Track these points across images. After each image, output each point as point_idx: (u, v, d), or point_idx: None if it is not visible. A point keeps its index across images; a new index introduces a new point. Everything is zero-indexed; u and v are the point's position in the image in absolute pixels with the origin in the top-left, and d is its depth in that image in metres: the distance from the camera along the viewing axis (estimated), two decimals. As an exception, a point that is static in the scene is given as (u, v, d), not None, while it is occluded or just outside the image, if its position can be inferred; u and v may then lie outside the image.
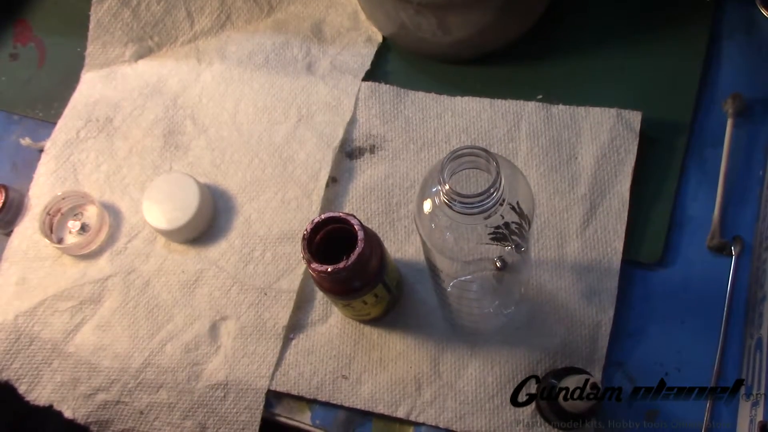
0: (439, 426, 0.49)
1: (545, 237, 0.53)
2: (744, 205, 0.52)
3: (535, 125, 0.56)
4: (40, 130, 0.65)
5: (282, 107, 0.61)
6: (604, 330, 0.50)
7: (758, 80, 0.56)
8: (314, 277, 0.47)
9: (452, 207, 0.35)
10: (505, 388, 0.49)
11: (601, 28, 0.60)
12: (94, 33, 0.65)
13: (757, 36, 0.58)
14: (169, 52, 0.65)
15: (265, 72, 0.62)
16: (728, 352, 0.49)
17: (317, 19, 0.64)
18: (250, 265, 0.56)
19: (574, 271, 0.51)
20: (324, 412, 0.52)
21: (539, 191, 0.54)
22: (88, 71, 0.65)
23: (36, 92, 0.66)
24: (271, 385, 0.52)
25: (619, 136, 0.54)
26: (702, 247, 0.52)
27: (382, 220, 0.56)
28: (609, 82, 0.58)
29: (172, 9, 0.65)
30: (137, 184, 0.60)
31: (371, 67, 0.61)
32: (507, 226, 0.36)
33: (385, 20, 0.60)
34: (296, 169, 0.58)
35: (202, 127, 0.61)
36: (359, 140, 0.58)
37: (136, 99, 0.63)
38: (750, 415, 0.44)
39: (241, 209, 0.58)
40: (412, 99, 0.59)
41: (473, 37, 0.57)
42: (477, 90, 0.59)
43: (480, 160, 0.35)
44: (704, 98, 0.56)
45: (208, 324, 0.54)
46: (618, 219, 0.52)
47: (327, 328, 0.53)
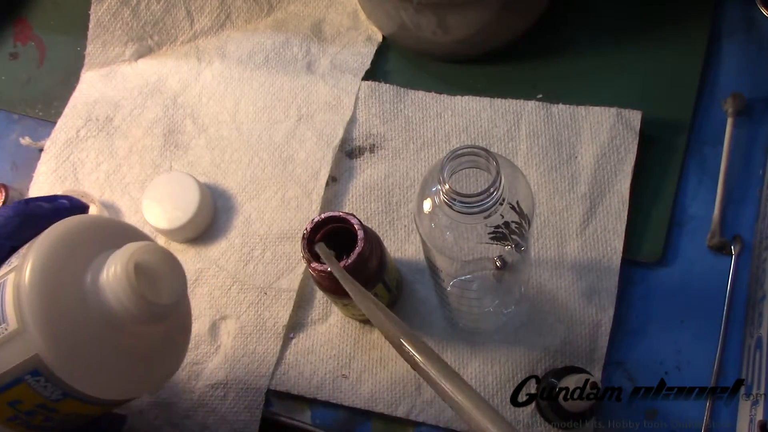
0: (439, 425, 0.49)
1: (545, 236, 0.53)
2: (744, 204, 0.52)
3: (535, 124, 0.56)
4: (40, 129, 0.65)
5: (282, 106, 0.61)
6: (604, 329, 0.50)
7: (758, 79, 0.56)
8: (314, 276, 0.47)
9: (452, 206, 0.35)
10: (504, 388, 0.49)
11: (601, 28, 0.60)
12: (94, 32, 0.65)
13: (757, 35, 0.58)
14: (169, 52, 0.65)
15: (265, 71, 0.62)
16: (728, 351, 0.49)
17: (317, 18, 0.64)
18: (250, 265, 0.56)
19: (574, 270, 0.51)
20: (324, 411, 0.52)
21: (539, 190, 0.54)
22: (87, 70, 0.65)
23: (36, 91, 0.66)
24: (271, 385, 0.52)
25: (619, 135, 0.54)
26: (702, 246, 0.52)
27: (382, 220, 0.56)
28: (609, 81, 0.58)
29: (172, 8, 0.65)
30: (137, 183, 0.60)
31: (371, 66, 0.61)
32: (507, 225, 0.36)
33: (385, 19, 0.60)
34: (296, 168, 0.58)
35: (202, 127, 0.61)
36: (359, 139, 0.58)
37: (136, 98, 0.63)
38: (750, 415, 0.44)
39: (241, 208, 0.58)
40: (412, 98, 0.59)
41: (473, 36, 0.57)
42: (477, 89, 0.59)
43: (480, 160, 0.35)
44: (704, 97, 0.56)
45: (207, 323, 0.54)
46: (618, 218, 0.52)
47: (327, 328, 0.53)
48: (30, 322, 0.32)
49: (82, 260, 0.35)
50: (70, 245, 0.35)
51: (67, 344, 0.33)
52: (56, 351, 0.32)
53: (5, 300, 0.33)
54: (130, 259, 0.34)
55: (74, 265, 0.34)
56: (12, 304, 0.33)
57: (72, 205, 0.41)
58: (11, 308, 0.33)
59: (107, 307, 0.34)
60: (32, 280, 0.33)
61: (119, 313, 0.34)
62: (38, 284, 0.33)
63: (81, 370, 0.34)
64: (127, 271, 0.33)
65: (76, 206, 0.41)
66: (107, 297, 0.34)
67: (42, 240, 0.35)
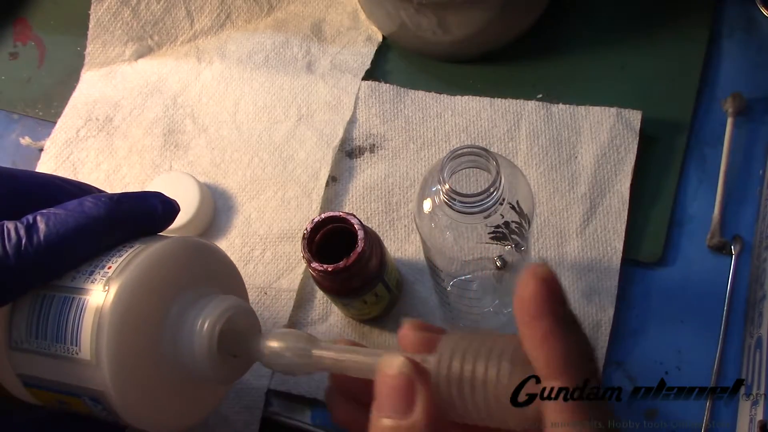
0: (439, 425, 0.49)
1: (545, 236, 0.53)
2: (744, 204, 0.52)
3: (535, 124, 0.56)
4: (40, 129, 0.65)
5: (282, 106, 0.61)
6: (604, 329, 0.50)
7: (758, 79, 0.56)
8: (314, 276, 0.47)
9: (452, 206, 0.35)
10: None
11: (601, 28, 0.60)
12: (94, 32, 0.65)
13: (757, 35, 0.58)
14: (169, 51, 0.65)
15: (265, 71, 0.62)
16: (728, 351, 0.49)
17: (317, 18, 0.64)
18: (250, 265, 0.56)
19: (573, 270, 0.51)
20: (324, 411, 0.52)
21: (539, 190, 0.54)
22: (87, 70, 0.65)
23: (36, 91, 0.66)
24: (271, 385, 0.52)
25: (619, 135, 0.54)
26: (702, 246, 0.52)
27: (382, 220, 0.56)
28: (609, 81, 0.58)
29: (172, 8, 0.65)
30: (137, 183, 0.60)
31: (371, 66, 0.61)
32: (507, 225, 0.37)
33: (385, 19, 0.60)
34: (296, 168, 0.58)
35: (202, 126, 0.61)
36: (359, 139, 0.58)
37: (136, 98, 0.63)
38: (750, 415, 0.44)
39: (241, 208, 0.58)
40: (412, 98, 0.59)
41: (473, 36, 0.57)
42: (477, 89, 0.59)
43: (480, 160, 0.35)
44: (704, 97, 0.56)
45: (208, 323, 0.54)
46: (618, 218, 0.52)
47: (327, 327, 0.53)
48: (105, 362, 0.31)
49: (168, 297, 0.33)
50: (160, 280, 0.33)
51: (135, 388, 0.32)
52: (122, 394, 0.32)
53: (82, 324, 0.32)
54: (218, 321, 0.33)
55: (159, 303, 0.33)
56: (89, 333, 0.32)
57: (164, 210, 0.37)
58: (87, 337, 0.32)
59: (182, 359, 0.33)
60: (115, 320, 0.31)
61: (192, 370, 0.33)
62: (121, 324, 0.32)
63: (139, 412, 0.33)
64: (211, 335, 0.33)
65: (168, 211, 0.38)
66: (184, 351, 0.33)
67: (132, 271, 0.32)
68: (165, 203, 0.38)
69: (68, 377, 0.33)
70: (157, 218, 0.37)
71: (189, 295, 0.34)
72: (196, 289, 0.34)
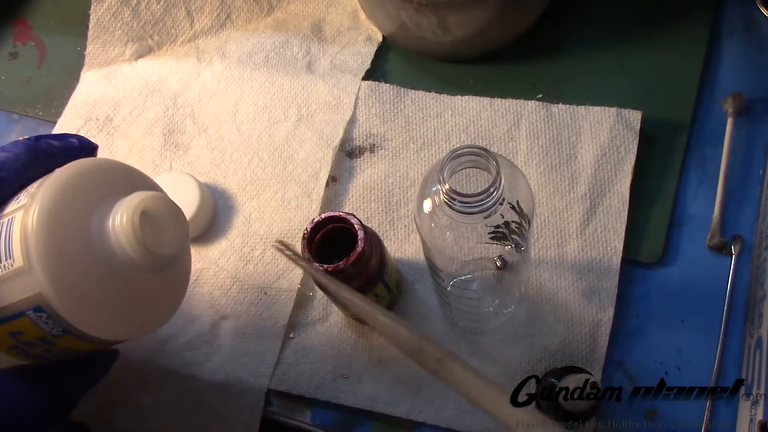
0: (439, 425, 0.49)
1: (545, 236, 0.53)
2: (744, 204, 0.52)
3: (535, 124, 0.56)
4: (40, 129, 0.65)
5: (282, 106, 0.61)
6: (604, 329, 0.50)
7: (758, 79, 0.56)
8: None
9: (452, 206, 0.35)
10: (504, 388, 0.49)
11: (601, 27, 0.60)
12: (94, 32, 0.65)
13: (757, 35, 0.58)
14: (169, 51, 0.65)
15: (265, 71, 0.62)
16: (728, 351, 0.49)
17: (317, 18, 0.64)
18: (250, 265, 0.56)
19: (573, 270, 0.51)
20: (324, 411, 0.52)
21: (539, 190, 0.54)
22: (88, 70, 0.65)
23: (36, 91, 0.66)
24: (271, 385, 0.52)
25: (619, 135, 0.54)
26: (702, 246, 0.52)
27: (382, 220, 0.56)
28: (609, 81, 0.58)
29: (172, 8, 0.65)
30: (137, 183, 0.60)
31: (371, 66, 0.61)
32: (507, 225, 0.37)
33: (385, 19, 0.60)
34: (296, 168, 0.58)
35: (202, 126, 0.61)
36: (359, 139, 0.58)
37: (136, 98, 0.63)
38: (750, 415, 0.44)
39: (241, 208, 0.58)
40: (412, 98, 0.59)
41: (473, 36, 0.57)
42: (477, 89, 0.59)
43: (480, 159, 0.35)
44: (704, 97, 0.56)
45: (207, 323, 0.54)
46: (618, 218, 0.52)
47: (327, 328, 0.53)
48: (36, 262, 0.33)
49: (90, 203, 0.36)
50: (79, 188, 0.36)
51: (70, 285, 0.34)
52: (59, 291, 0.34)
53: (12, 237, 0.34)
54: (136, 209, 0.35)
55: (82, 207, 0.35)
56: (19, 241, 0.34)
57: (81, 144, 0.41)
58: (18, 245, 0.34)
59: (110, 253, 0.35)
60: (40, 221, 0.34)
61: (122, 259, 0.35)
62: (46, 225, 0.34)
63: (81, 310, 0.35)
64: (132, 220, 0.35)
65: (86, 146, 0.41)
66: (111, 243, 0.35)
67: (52, 181, 0.35)
68: (82, 140, 0.41)
69: (10, 296, 0.34)
70: (74, 150, 0.40)
71: (112, 201, 0.36)
72: (118, 196, 0.36)
